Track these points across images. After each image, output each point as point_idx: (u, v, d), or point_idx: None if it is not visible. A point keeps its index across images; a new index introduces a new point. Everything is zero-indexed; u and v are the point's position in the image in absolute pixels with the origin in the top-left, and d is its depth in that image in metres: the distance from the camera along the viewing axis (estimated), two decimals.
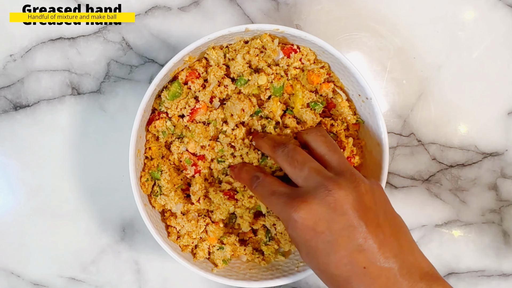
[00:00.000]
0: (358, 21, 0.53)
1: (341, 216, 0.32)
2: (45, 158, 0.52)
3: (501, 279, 0.55)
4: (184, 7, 0.52)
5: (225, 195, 0.44)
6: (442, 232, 0.55)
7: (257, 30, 0.42)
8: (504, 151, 0.55)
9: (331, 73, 0.45)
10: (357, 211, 0.32)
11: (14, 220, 0.52)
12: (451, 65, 0.54)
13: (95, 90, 0.52)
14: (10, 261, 0.52)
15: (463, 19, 0.54)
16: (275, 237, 0.47)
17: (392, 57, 0.53)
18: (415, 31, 0.53)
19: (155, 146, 0.45)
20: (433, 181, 0.54)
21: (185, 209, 0.45)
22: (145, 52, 0.52)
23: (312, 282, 0.54)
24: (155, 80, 0.41)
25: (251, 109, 0.43)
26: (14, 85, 0.52)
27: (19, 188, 0.52)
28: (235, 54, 0.44)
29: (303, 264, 0.45)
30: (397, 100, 0.54)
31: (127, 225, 0.53)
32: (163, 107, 0.44)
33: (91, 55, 0.52)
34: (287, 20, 0.53)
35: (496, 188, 0.55)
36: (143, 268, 0.53)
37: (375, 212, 0.33)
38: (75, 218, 0.53)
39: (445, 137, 0.54)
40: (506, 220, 0.55)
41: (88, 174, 0.52)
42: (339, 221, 0.32)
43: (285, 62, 0.44)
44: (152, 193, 0.45)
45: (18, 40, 0.52)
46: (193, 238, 0.45)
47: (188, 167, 0.44)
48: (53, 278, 0.53)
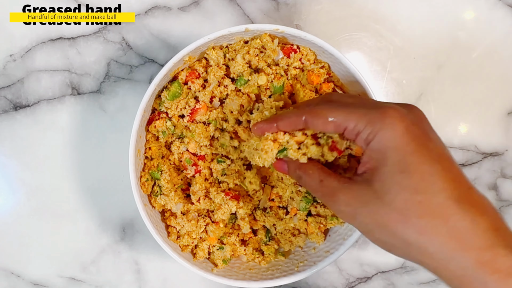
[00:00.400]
0: (358, 21, 0.53)
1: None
2: (45, 158, 0.52)
3: None
4: (184, 7, 0.52)
5: (226, 195, 0.44)
6: None
7: (257, 30, 0.42)
8: (504, 151, 0.55)
9: (331, 73, 0.45)
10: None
11: (14, 220, 0.52)
12: (451, 65, 0.54)
13: (95, 90, 0.52)
14: (10, 261, 0.52)
15: (463, 19, 0.54)
16: (275, 237, 0.47)
17: (392, 57, 0.53)
18: (415, 31, 0.53)
19: (155, 146, 0.45)
20: None
21: (185, 209, 0.45)
22: (145, 52, 0.52)
23: (312, 282, 0.54)
24: (155, 80, 0.41)
25: (250, 105, 0.43)
26: (14, 85, 0.52)
27: (19, 188, 0.52)
28: (235, 54, 0.44)
29: (303, 264, 0.45)
30: (397, 100, 0.54)
31: (127, 225, 0.53)
32: (163, 107, 0.44)
33: (91, 55, 0.52)
34: (287, 20, 0.53)
35: (496, 188, 0.55)
36: (143, 268, 0.53)
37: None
38: (75, 218, 0.53)
39: (445, 137, 0.54)
40: (506, 220, 0.55)
41: (88, 174, 0.52)
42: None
43: (285, 62, 0.44)
44: (152, 193, 0.45)
45: (18, 40, 0.52)
46: (193, 238, 0.45)
47: (188, 167, 0.44)
48: (53, 278, 0.53)
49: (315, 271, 0.43)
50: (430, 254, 0.28)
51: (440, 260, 0.28)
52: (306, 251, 0.47)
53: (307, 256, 0.46)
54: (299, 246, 0.47)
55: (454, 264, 0.28)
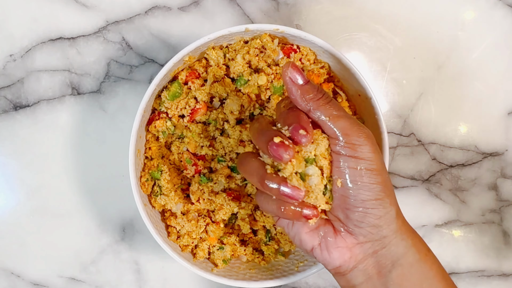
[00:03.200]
0: (358, 21, 0.53)
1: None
2: (45, 158, 0.52)
3: (501, 279, 0.55)
4: (184, 7, 0.52)
5: (228, 195, 0.44)
6: (442, 232, 0.54)
7: (257, 30, 0.42)
8: (504, 151, 0.55)
9: (331, 73, 0.45)
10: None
11: (14, 220, 0.52)
12: (451, 65, 0.54)
13: (95, 90, 0.52)
14: (10, 261, 0.52)
15: (463, 19, 0.54)
16: (275, 237, 0.47)
17: (392, 57, 0.53)
18: (415, 31, 0.53)
19: (155, 146, 0.45)
20: (433, 181, 0.54)
21: (185, 209, 0.45)
22: (145, 52, 0.52)
23: (312, 282, 0.54)
24: (155, 80, 0.41)
25: (250, 105, 0.43)
26: (14, 85, 0.52)
27: (19, 188, 0.52)
28: (235, 54, 0.44)
29: (303, 264, 0.45)
30: (397, 100, 0.54)
31: (127, 225, 0.53)
32: (163, 107, 0.44)
33: (91, 55, 0.52)
34: (287, 20, 0.53)
35: (496, 188, 0.55)
36: (143, 268, 0.53)
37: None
38: (75, 218, 0.52)
39: (445, 137, 0.54)
40: (506, 220, 0.55)
41: (88, 174, 0.52)
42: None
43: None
44: (152, 193, 0.45)
45: (18, 40, 0.52)
46: (193, 238, 0.45)
47: (188, 166, 0.44)
48: (53, 278, 0.53)
49: (315, 271, 0.43)
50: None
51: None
52: None
53: (307, 256, 0.46)
54: None
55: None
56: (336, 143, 0.31)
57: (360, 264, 0.33)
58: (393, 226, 0.32)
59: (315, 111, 0.32)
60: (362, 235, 0.32)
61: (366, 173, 0.31)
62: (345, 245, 0.33)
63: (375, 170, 0.31)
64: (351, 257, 0.33)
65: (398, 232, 0.33)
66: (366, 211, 0.31)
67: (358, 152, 0.31)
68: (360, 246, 0.33)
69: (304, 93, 0.32)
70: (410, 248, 0.33)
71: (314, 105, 0.32)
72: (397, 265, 0.32)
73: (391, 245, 0.32)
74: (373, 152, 0.31)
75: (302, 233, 0.34)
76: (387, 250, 0.33)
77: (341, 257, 0.33)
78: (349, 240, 0.33)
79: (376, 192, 0.31)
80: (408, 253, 0.33)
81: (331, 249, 0.33)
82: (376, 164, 0.31)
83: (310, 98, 0.32)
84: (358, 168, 0.31)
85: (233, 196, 0.44)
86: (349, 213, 0.32)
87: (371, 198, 0.31)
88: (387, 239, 0.32)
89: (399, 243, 0.33)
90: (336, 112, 0.32)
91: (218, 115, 0.44)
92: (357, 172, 0.31)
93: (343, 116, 0.32)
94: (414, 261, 0.33)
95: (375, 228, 0.32)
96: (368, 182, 0.31)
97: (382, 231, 0.32)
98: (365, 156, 0.31)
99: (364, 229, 0.32)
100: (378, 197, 0.31)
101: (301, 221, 0.32)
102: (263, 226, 0.47)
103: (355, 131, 0.31)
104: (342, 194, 0.32)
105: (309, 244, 0.34)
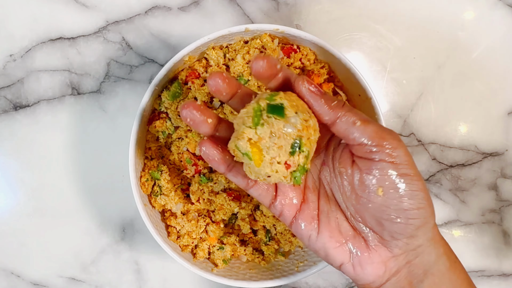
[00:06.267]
0: (358, 21, 0.53)
1: None
2: (45, 158, 0.52)
3: (501, 279, 0.55)
4: (184, 7, 0.52)
5: (228, 195, 0.44)
6: (442, 232, 0.54)
7: (257, 30, 0.42)
8: (504, 151, 0.55)
9: (331, 73, 0.45)
10: None
11: (14, 220, 0.52)
12: (451, 65, 0.54)
13: (95, 90, 0.52)
14: (10, 261, 0.52)
15: (463, 19, 0.54)
16: (275, 237, 0.47)
17: (392, 57, 0.53)
18: (415, 31, 0.53)
19: (155, 146, 0.46)
20: (433, 181, 0.54)
21: (185, 209, 0.45)
22: (145, 52, 0.52)
23: (312, 282, 0.54)
24: (155, 80, 0.41)
25: None
26: (14, 85, 0.52)
27: (19, 188, 0.52)
28: (235, 54, 0.44)
29: (303, 264, 0.45)
30: (397, 100, 0.54)
31: (127, 225, 0.53)
32: (163, 107, 0.44)
33: (91, 55, 0.52)
34: (287, 20, 0.53)
35: (496, 188, 0.55)
36: (143, 268, 0.53)
37: None
38: (75, 218, 0.52)
39: (445, 137, 0.54)
40: (506, 220, 0.55)
41: (88, 174, 0.52)
42: None
43: (285, 62, 0.44)
44: (152, 193, 0.45)
45: (18, 40, 0.52)
46: (193, 238, 0.45)
47: (188, 166, 0.44)
48: (53, 278, 0.53)
49: (315, 271, 0.43)
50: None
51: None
52: (306, 251, 0.47)
53: (307, 256, 0.46)
54: (299, 246, 0.47)
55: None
56: (366, 148, 0.29)
57: (394, 277, 0.31)
58: (429, 234, 0.30)
59: (344, 117, 0.29)
60: (398, 247, 0.30)
61: (406, 179, 0.28)
62: (380, 260, 0.31)
63: (415, 176, 0.29)
64: (385, 271, 0.31)
65: (433, 241, 0.30)
66: (407, 222, 0.29)
67: (394, 156, 0.28)
68: (394, 259, 0.31)
69: (329, 101, 0.29)
70: (441, 256, 0.31)
71: (343, 111, 0.29)
72: (429, 274, 0.30)
73: (424, 254, 0.30)
74: (408, 156, 0.29)
75: (329, 248, 0.31)
76: (420, 259, 0.30)
77: (375, 272, 0.31)
78: (384, 253, 0.31)
79: (418, 200, 0.29)
80: (439, 262, 0.30)
81: (364, 265, 0.31)
82: (413, 168, 0.29)
83: (336, 105, 0.29)
84: (396, 174, 0.28)
85: (233, 196, 0.44)
86: (387, 225, 0.29)
87: (413, 207, 0.28)
88: (421, 248, 0.30)
89: (432, 251, 0.30)
90: (365, 116, 0.29)
91: (218, 115, 0.44)
92: (397, 178, 0.28)
93: (370, 120, 0.29)
94: (445, 270, 0.30)
95: (411, 238, 0.29)
96: (409, 189, 0.28)
97: (418, 241, 0.30)
98: (402, 160, 0.28)
99: (401, 241, 0.30)
100: (420, 206, 0.29)
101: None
102: (263, 226, 0.47)
103: (388, 133, 0.29)
104: (381, 204, 0.29)
105: (338, 260, 0.31)
